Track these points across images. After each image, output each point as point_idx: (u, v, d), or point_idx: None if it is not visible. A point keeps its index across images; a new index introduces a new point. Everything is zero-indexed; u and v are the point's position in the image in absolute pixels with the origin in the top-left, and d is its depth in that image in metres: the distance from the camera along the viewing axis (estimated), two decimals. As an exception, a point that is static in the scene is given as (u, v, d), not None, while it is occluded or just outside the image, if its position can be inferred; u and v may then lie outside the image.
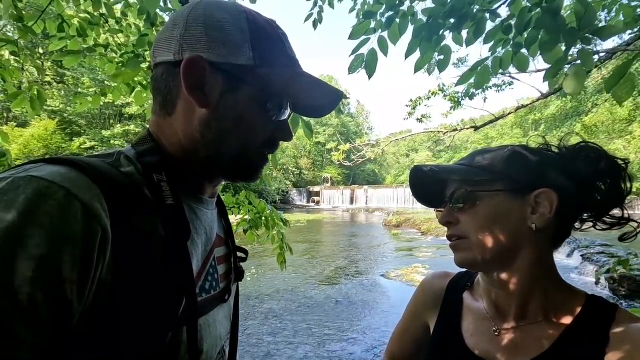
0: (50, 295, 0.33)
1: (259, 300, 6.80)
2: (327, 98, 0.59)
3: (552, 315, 0.59)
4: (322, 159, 53.08)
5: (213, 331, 0.55)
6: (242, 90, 0.51)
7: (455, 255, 0.63)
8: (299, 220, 23.05)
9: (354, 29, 1.48)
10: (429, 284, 0.80)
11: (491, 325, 0.63)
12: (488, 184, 0.59)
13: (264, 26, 0.53)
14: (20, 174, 0.37)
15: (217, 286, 0.58)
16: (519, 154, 0.61)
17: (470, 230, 0.60)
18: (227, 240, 0.67)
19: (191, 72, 0.49)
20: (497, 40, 1.41)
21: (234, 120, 0.52)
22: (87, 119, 25.23)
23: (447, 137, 7.15)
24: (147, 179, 0.48)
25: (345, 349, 4.81)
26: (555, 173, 0.58)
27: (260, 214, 2.18)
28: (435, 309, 0.75)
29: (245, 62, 0.50)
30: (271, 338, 5.13)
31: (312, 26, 2.31)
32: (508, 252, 0.58)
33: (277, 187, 38.34)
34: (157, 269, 0.43)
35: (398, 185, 41.43)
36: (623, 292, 6.26)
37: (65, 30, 1.86)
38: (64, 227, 0.35)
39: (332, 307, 6.46)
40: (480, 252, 0.58)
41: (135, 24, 2.13)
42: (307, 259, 10.62)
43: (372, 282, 8.20)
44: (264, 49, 0.52)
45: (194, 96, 0.50)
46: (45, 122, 20.44)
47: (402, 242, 14.36)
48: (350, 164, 8.93)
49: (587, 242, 9.11)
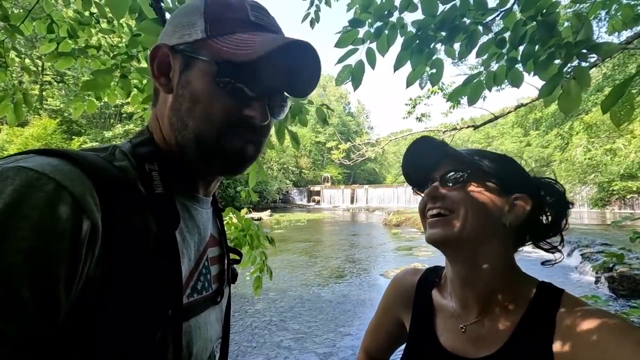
0: (35, 290, 0.32)
1: (258, 299, 6.80)
2: (302, 65, 0.52)
3: (510, 306, 0.62)
4: (322, 158, 53.07)
5: (203, 333, 0.53)
6: (195, 66, 0.49)
7: (431, 231, 0.64)
8: (299, 220, 23.03)
9: (341, 36, 1.39)
10: (400, 280, 0.83)
11: (458, 322, 0.66)
12: (482, 174, 0.64)
13: (227, 0, 0.50)
14: (9, 164, 0.36)
15: (209, 287, 0.56)
16: (511, 161, 0.69)
17: (454, 206, 0.63)
18: (221, 240, 0.65)
19: (154, 59, 0.50)
20: (491, 54, 1.37)
21: (190, 98, 0.49)
22: (88, 119, 25.21)
23: (446, 135, 7.13)
24: (140, 171, 0.47)
25: (343, 347, 4.81)
26: (532, 188, 0.66)
27: (245, 232, 2.02)
28: (407, 306, 0.77)
29: (198, 36, 0.48)
30: (270, 337, 5.13)
31: (310, 25, 2.30)
32: (481, 235, 0.62)
33: (277, 186, 38.35)
34: (147, 265, 0.42)
35: (398, 185, 41.41)
36: (623, 291, 6.26)
37: (55, 31, 1.80)
38: (52, 220, 0.34)
39: (331, 305, 6.46)
40: (459, 229, 0.61)
41: (127, 23, 2.07)
42: (306, 258, 10.63)
43: (372, 281, 8.21)
44: (219, 19, 0.49)
45: (160, 83, 0.51)
46: (44, 121, 20.42)
47: (402, 241, 14.36)
48: (350, 163, 8.92)
49: (586, 241, 9.11)
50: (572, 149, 18.75)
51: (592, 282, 7.10)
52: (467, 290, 0.65)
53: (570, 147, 19.24)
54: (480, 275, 0.63)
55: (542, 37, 1.09)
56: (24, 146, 18.60)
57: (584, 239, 9.23)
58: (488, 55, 1.37)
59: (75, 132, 23.76)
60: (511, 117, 32.82)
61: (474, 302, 0.64)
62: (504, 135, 42.10)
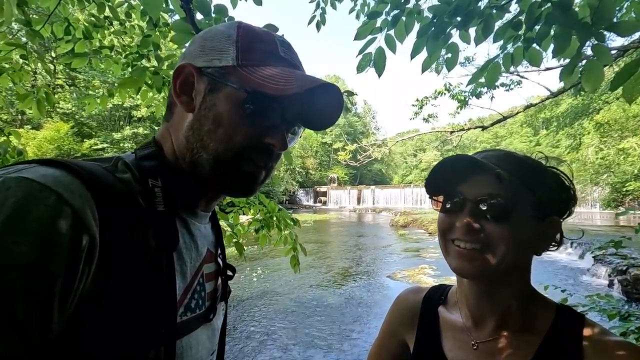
0: (32, 309, 0.32)
1: (264, 301, 6.83)
2: (325, 103, 0.54)
3: (528, 326, 0.60)
4: (329, 159, 53.06)
5: (195, 353, 0.52)
6: (222, 90, 0.50)
7: (461, 263, 0.58)
8: (306, 221, 23.06)
9: (359, 29, 1.47)
10: (404, 298, 0.80)
11: (469, 339, 0.64)
12: (523, 202, 0.57)
13: (257, 32, 0.53)
14: (11, 174, 0.35)
15: (202, 305, 0.56)
16: (544, 173, 0.61)
17: (493, 243, 0.56)
18: (217, 256, 0.64)
19: (178, 77, 0.51)
20: (507, 38, 1.37)
21: (213, 120, 0.50)
22: (98, 121, 25.69)
23: (454, 136, 7.07)
24: (142, 185, 0.47)
25: (349, 349, 4.80)
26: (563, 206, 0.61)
27: (271, 214, 2.16)
28: (412, 325, 0.75)
29: (229, 62, 0.50)
30: (276, 339, 5.14)
31: (315, 28, 2.32)
32: (514, 268, 0.59)
33: (284, 187, 38.46)
34: (143, 281, 0.42)
35: (405, 185, 41.18)
36: (637, 294, 6.12)
37: (72, 32, 1.92)
38: (52, 235, 0.33)
39: (337, 307, 6.45)
40: (496, 266, 0.56)
41: (138, 25, 2.18)
42: (313, 259, 10.63)
43: (378, 283, 8.17)
44: (251, 50, 0.51)
45: (181, 101, 0.52)
46: (57, 124, 20.89)
47: (409, 242, 14.26)
48: (356, 164, 8.91)
49: (598, 243, 8.91)
50: (583, 149, 18.40)
51: (604, 285, 6.95)
52: (484, 304, 0.63)
53: (582, 147, 18.87)
54: (504, 297, 0.61)
55: (557, 19, 1.08)
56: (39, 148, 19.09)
57: (595, 241, 9.05)
58: (505, 39, 1.37)
59: (86, 135, 24.22)
60: (520, 117, 32.35)
61: (490, 316, 0.62)
62: (513, 134, 41.53)
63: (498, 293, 0.61)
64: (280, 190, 37.19)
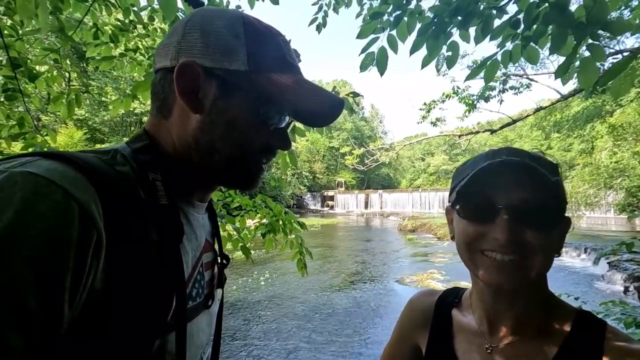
0: (42, 301, 0.32)
1: (272, 304, 6.83)
2: (327, 105, 0.55)
3: (546, 331, 0.58)
4: (336, 163, 53.02)
5: (196, 339, 0.54)
6: (235, 96, 0.50)
7: (502, 276, 0.54)
8: (313, 225, 23.04)
9: (362, 28, 1.51)
10: (417, 301, 0.79)
11: (483, 342, 0.63)
12: (559, 210, 0.56)
13: (262, 32, 0.52)
14: (16, 168, 0.36)
15: (202, 293, 0.57)
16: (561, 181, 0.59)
17: (534, 252, 0.53)
18: (214, 245, 0.66)
19: (183, 76, 0.49)
20: (506, 36, 1.40)
21: (226, 126, 0.51)
22: (110, 127, 26.27)
23: (463, 140, 7.02)
24: (142, 178, 0.47)
25: (357, 353, 4.75)
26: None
27: (277, 217, 2.16)
28: (424, 328, 0.74)
29: (240, 67, 0.49)
30: (284, 343, 5.13)
31: (316, 30, 2.36)
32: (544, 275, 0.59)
33: (291, 191, 38.56)
34: (148, 273, 0.42)
35: (413, 190, 40.84)
36: (654, 301, 5.92)
37: (99, 37, 2.02)
38: (60, 230, 0.34)
39: (345, 311, 6.41)
40: (535, 275, 0.54)
41: (160, 27, 2.27)
42: (321, 264, 10.60)
43: (387, 287, 8.10)
44: (261, 54, 0.51)
45: (186, 101, 0.50)
46: (70, 130, 21.44)
47: (417, 247, 14.12)
48: (364, 168, 8.89)
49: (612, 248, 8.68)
50: (596, 153, 18.00)
51: (620, 292, 6.75)
52: (501, 308, 0.61)
53: (595, 150, 18.48)
54: (526, 301, 0.59)
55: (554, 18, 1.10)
56: (52, 153, 19.57)
57: (609, 246, 8.82)
58: (503, 37, 1.40)
59: (98, 140, 24.76)
60: (529, 120, 31.92)
61: (506, 320, 0.61)
62: (522, 137, 40.90)
63: (517, 297, 0.59)
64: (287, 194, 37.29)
